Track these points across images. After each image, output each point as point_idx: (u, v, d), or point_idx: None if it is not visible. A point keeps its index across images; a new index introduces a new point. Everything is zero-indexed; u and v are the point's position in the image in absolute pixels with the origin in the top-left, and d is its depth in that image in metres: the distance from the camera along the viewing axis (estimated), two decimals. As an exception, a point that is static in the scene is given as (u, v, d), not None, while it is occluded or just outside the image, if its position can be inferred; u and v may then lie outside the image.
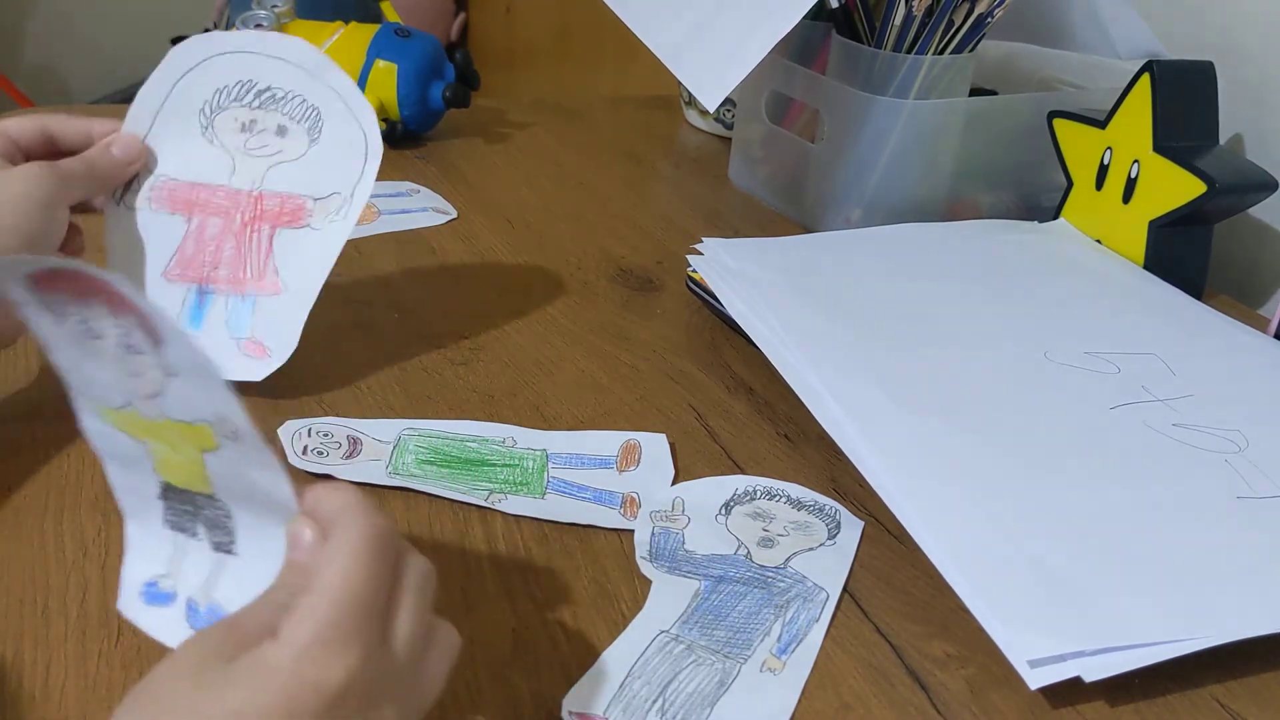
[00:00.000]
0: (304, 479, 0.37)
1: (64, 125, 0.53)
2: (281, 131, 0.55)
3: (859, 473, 0.49)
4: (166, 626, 0.37)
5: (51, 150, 0.53)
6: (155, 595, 0.38)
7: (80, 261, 0.32)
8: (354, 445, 0.52)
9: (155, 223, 0.55)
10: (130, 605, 0.38)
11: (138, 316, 0.32)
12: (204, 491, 0.37)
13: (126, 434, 0.37)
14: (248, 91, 0.55)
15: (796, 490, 0.52)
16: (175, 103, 0.55)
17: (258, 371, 0.54)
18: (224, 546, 0.38)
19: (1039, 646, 0.41)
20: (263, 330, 0.54)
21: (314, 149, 0.55)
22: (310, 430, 0.53)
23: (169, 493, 0.38)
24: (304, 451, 0.51)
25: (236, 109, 0.55)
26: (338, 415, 0.55)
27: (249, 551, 0.37)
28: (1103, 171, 0.76)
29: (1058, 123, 0.79)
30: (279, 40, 0.55)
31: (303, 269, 0.54)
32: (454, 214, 0.80)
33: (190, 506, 0.38)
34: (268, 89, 0.54)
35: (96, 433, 0.37)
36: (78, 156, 0.53)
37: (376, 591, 0.32)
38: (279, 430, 0.52)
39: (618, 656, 0.42)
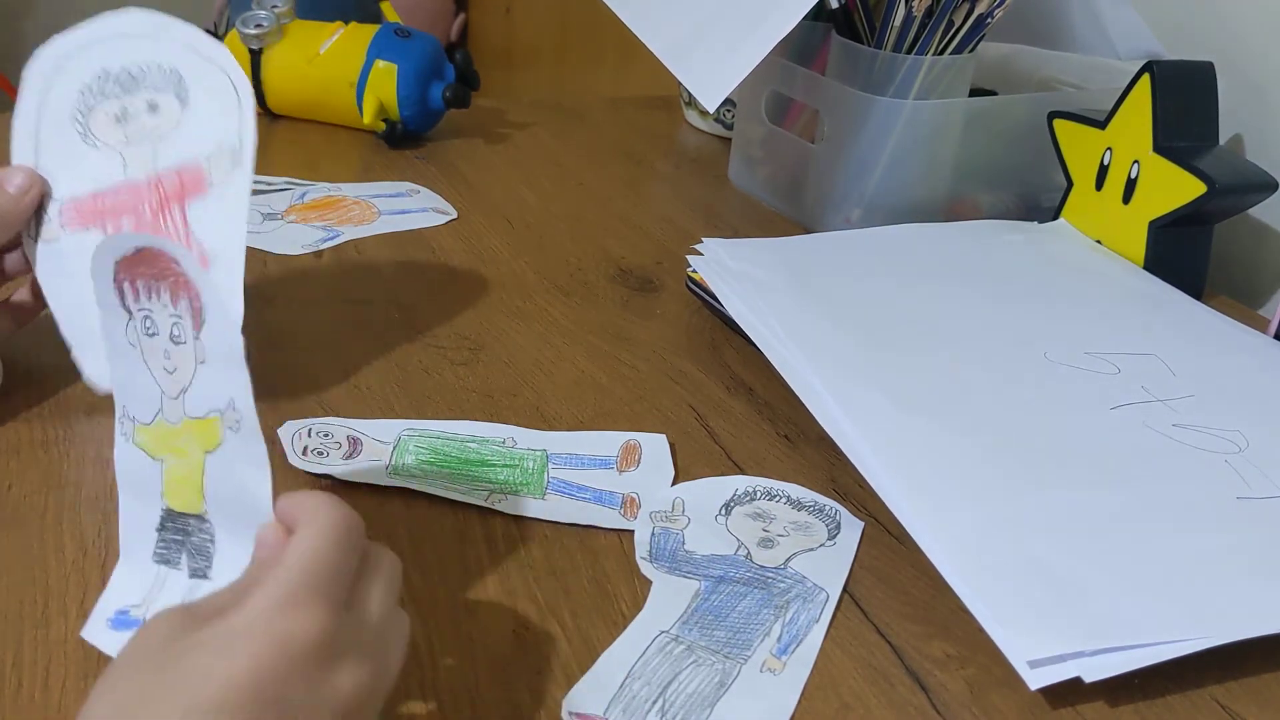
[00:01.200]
0: (303, 482, 0.39)
1: None
2: (153, 108, 0.53)
3: (859, 473, 0.49)
4: (103, 640, 0.38)
5: None
6: (124, 621, 0.39)
7: (161, 239, 0.36)
8: (354, 445, 0.52)
9: (74, 245, 0.54)
10: (95, 631, 0.39)
11: (192, 296, 0.36)
12: (196, 512, 0.39)
13: (147, 454, 0.39)
14: (107, 81, 0.53)
15: (796, 491, 0.52)
16: (48, 120, 0.54)
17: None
18: (200, 572, 0.39)
19: (1039, 647, 0.41)
20: None
21: (188, 111, 0.53)
22: (310, 430, 0.53)
23: (167, 522, 0.40)
24: (304, 452, 0.51)
25: (105, 103, 0.54)
26: (337, 415, 0.54)
27: (222, 575, 0.39)
28: (1103, 172, 0.76)
29: (1058, 123, 0.79)
30: (114, 18, 0.53)
31: (221, 232, 0.52)
32: (454, 214, 0.80)
33: (181, 535, 0.39)
34: (124, 70, 0.53)
35: (123, 460, 0.40)
36: None
37: (343, 562, 0.34)
38: (279, 430, 0.52)
39: (618, 657, 0.42)
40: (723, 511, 0.50)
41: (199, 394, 0.37)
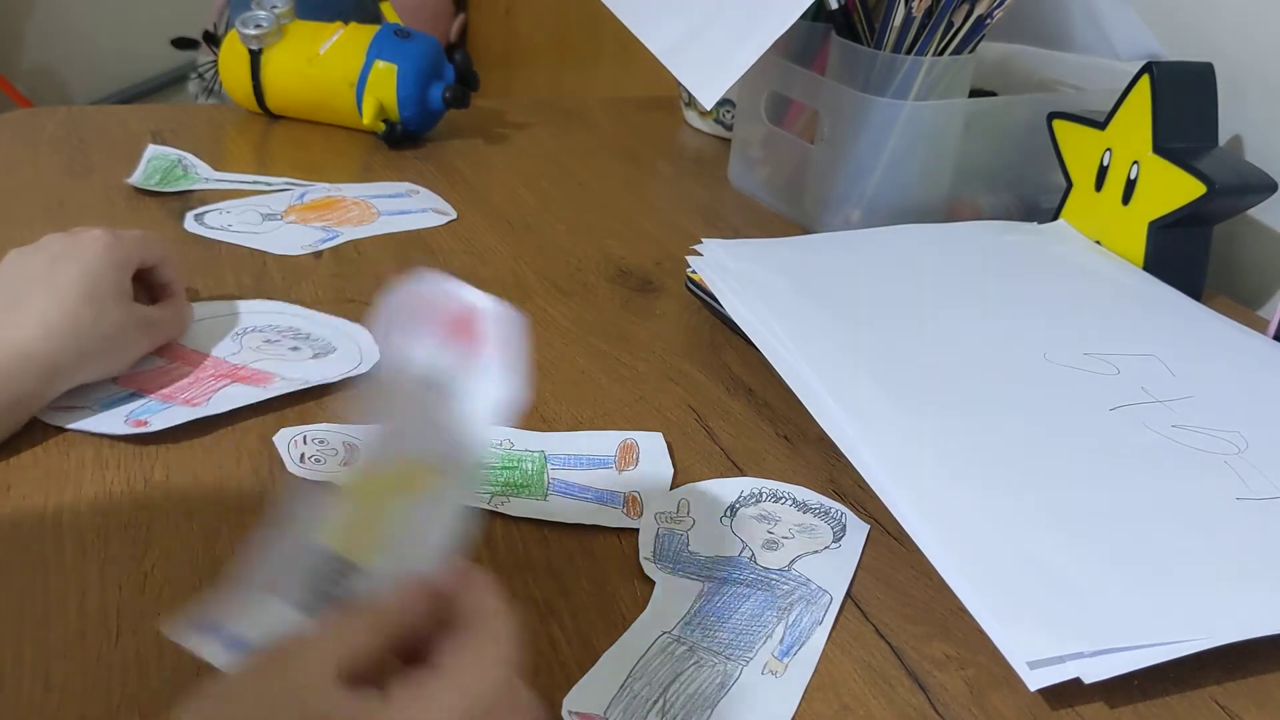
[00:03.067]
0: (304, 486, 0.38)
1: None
2: (296, 348, 0.60)
3: (858, 474, 0.49)
4: (210, 651, 0.35)
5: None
6: (242, 645, 0.35)
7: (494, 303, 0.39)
8: (351, 452, 0.52)
9: None
10: (207, 648, 0.35)
11: (476, 347, 0.39)
12: (361, 559, 0.36)
13: (348, 499, 0.37)
14: (288, 334, 0.61)
15: (802, 493, 0.52)
16: (240, 321, 0.62)
17: (120, 429, 0.52)
18: (314, 611, 0.36)
19: (1038, 647, 0.41)
20: (159, 417, 0.53)
21: (314, 361, 0.59)
22: (305, 438, 0.52)
23: (320, 561, 0.36)
24: (302, 459, 0.51)
25: (271, 332, 0.62)
26: (335, 421, 0.54)
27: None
28: (1102, 173, 0.76)
29: (1057, 124, 0.79)
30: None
31: (231, 401, 0.54)
32: (453, 215, 0.80)
33: (329, 583, 0.36)
34: (307, 335, 0.62)
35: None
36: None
37: (491, 708, 0.32)
38: (274, 438, 0.52)
39: (619, 657, 0.42)
40: (728, 513, 0.50)
41: (432, 435, 0.37)
